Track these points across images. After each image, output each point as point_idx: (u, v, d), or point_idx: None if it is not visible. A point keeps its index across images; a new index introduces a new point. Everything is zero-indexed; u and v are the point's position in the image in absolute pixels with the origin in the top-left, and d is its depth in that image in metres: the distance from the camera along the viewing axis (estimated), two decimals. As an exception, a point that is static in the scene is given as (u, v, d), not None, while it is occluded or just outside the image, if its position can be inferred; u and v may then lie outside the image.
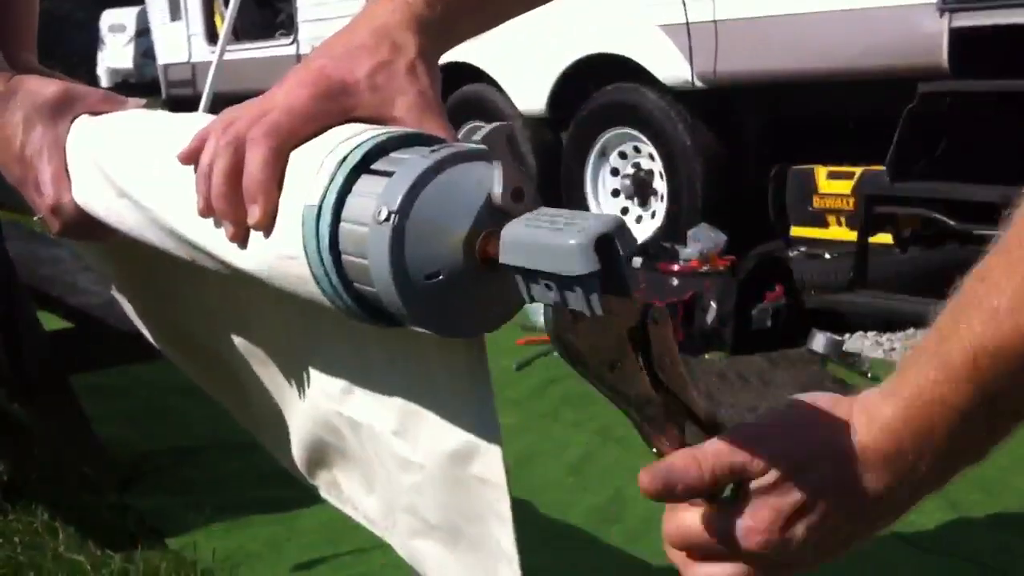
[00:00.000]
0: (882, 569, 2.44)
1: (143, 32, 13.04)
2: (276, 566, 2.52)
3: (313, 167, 0.75)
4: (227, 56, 6.48)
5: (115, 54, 15.84)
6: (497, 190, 0.69)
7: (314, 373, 1.01)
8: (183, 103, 7.97)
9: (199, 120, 0.95)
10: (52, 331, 3.04)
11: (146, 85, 12.91)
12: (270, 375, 1.12)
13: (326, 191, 0.73)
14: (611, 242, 0.61)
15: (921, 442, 0.68)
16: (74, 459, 2.86)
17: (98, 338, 2.99)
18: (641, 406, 0.74)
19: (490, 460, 0.81)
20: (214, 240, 0.85)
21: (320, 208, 0.73)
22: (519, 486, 2.93)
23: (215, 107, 6.29)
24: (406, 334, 0.80)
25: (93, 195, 1.03)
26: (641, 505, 2.77)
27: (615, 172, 5.41)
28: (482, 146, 0.69)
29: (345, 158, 0.74)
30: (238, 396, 1.26)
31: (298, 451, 1.14)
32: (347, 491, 1.11)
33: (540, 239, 0.64)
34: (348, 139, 0.76)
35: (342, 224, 0.72)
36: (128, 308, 1.40)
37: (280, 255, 0.77)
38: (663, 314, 0.71)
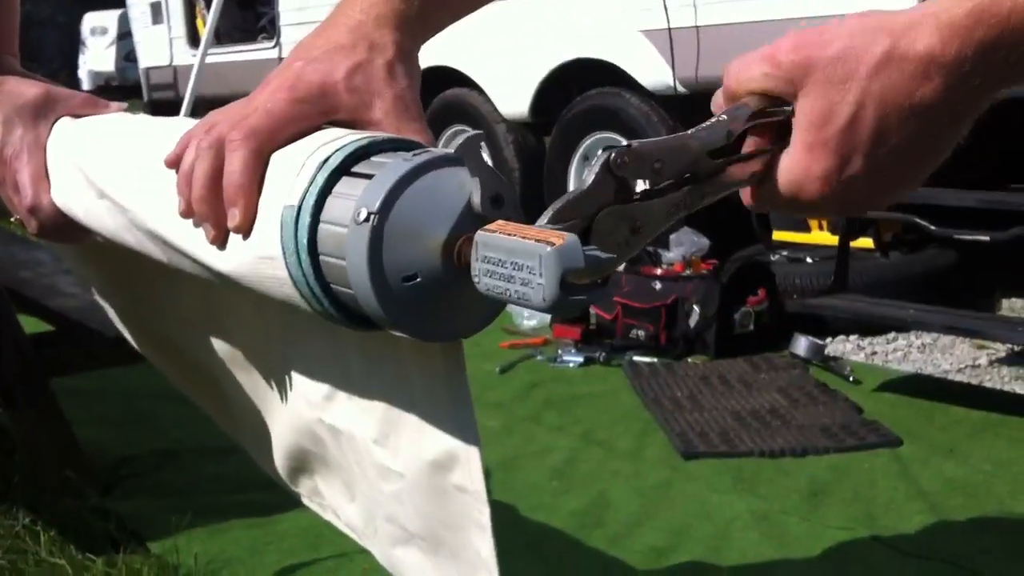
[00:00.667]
0: (864, 571, 2.45)
1: (125, 35, 12.99)
2: (257, 570, 2.51)
3: (294, 169, 0.75)
4: (209, 59, 6.46)
5: (97, 57, 15.77)
6: (476, 197, 0.70)
7: (296, 379, 1.01)
8: (165, 106, 7.94)
9: (181, 124, 0.95)
10: (32, 334, 3.02)
11: (128, 88, 12.86)
12: (251, 381, 1.12)
13: (306, 192, 0.73)
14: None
15: (986, 48, 0.65)
16: (55, 463, 2.84)
17: (78, 341, 2.98)
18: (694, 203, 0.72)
19: (470, 469, 0.81)
20: (193, 242, 0.84)
21: (299, 209, 0.73)
22: (502, 490, 2.95)
23: (197, 110, 6.29)
24: (385, 340, 0.80)
25: (72, 196, 1.03)
26: (624, 508, 2.77)
27: (598, 176, 5.42)
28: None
29: (326, 160, 0.74)
30: (219, 402, 1.25)
31: (280, 458, 1.13)
32: (329, 499, 1.10)
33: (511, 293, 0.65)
34: (329, 142, 0.76)
35: (321, 225, 0.73)
36: (110, 312, 1.40)
37: (258, 256, 0.77)
38: (618, 151, 0.69)
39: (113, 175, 0.96)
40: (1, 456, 2.99)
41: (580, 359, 4.08)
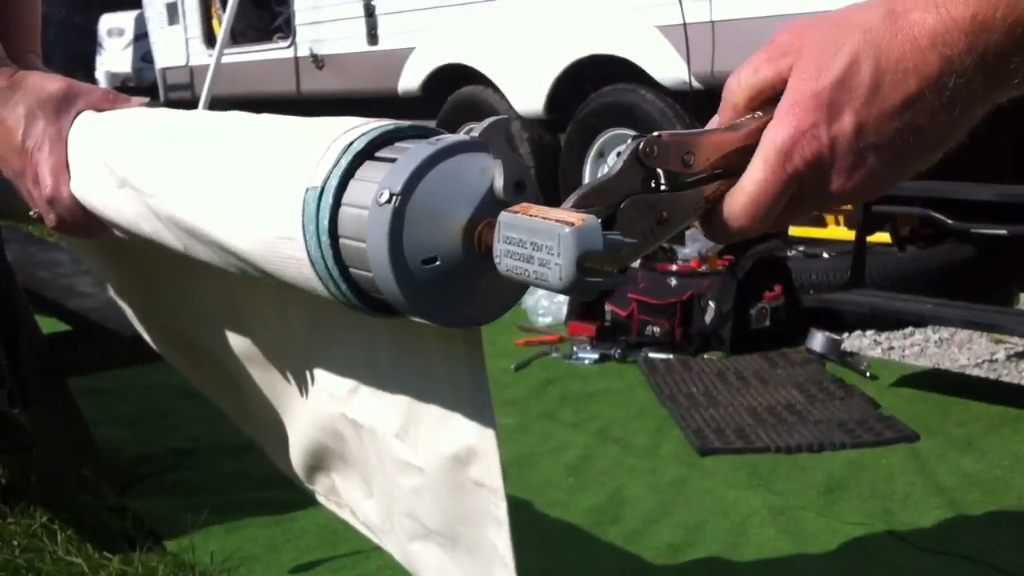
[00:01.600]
0: (881, 567, 2.44)
1: (141, 36, 13.03)
2: (273, 568, 2.52)
3: (319, 152, 0.75)
4: (225, 59, 6.49)
5: (114, 58, 15.84)
6: (499, 182, 0.70)
7: (319, 374, 1.01)
8: (181, 106, 7.94)
9: (201, 116, 0.96)
10: (49, 334, 3.04)
11: (145, 89, 12.91)
12: (269, 379, 1.12)
13: (329, 174, 0.74)
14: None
15: (984, 29, 0.64)
16: (72, 462, 2.86)
17: (95, 341, 2.99)
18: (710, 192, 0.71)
19: (488, 463, 0.81)
20: (212, 222, 0.85)
21: (322, 191, 0.73)
22: (518, 486, 2.96)
23: (213, 110, 6.31)
24: (413, 329, 0.80)
25: (92, 188, 1.04)
26: (640, 505, 2.77)
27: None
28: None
29: (351, 144, 0.74)
30: (236, 400, 1.26)
31: (297, 456, 1.14)
32: (346, 496, 1.11)
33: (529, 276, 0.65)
34: (354, 128, 0.76)
35: (343, 208, 0.73)
36: (128, 311, 1.41)
37: (277, 235, 0.77)
38: (647, 140, 0.68)
39: (134, 163, 0.97)
40: (19, 454, 3.01)
41: (595, 356, 4.07)
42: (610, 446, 3.21)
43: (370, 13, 6.47)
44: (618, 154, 0.69)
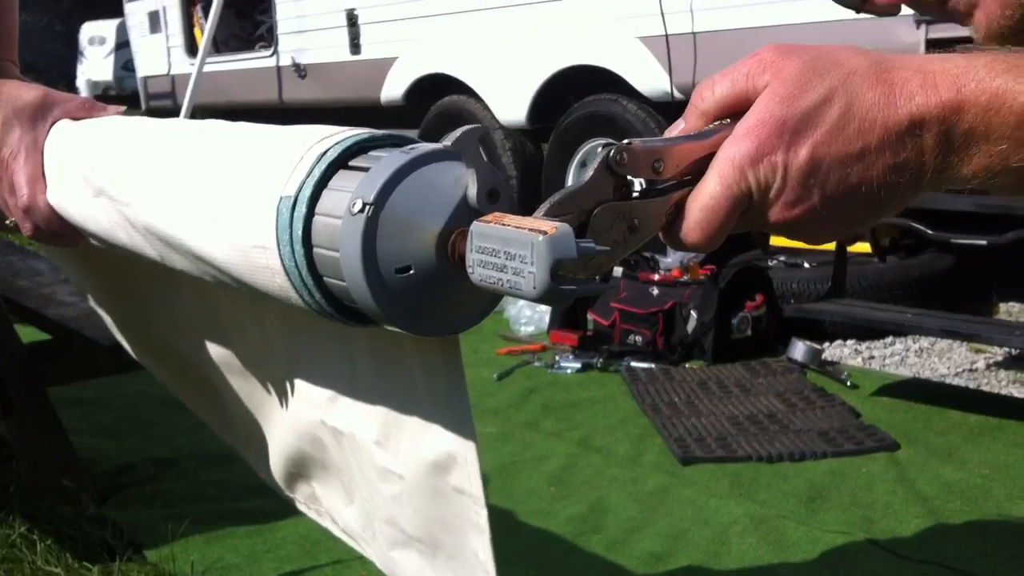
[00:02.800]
0: (861, 575, 2.45)
1: (123, 44, 13.01)
2: (255, 578, 2.51)
3: (293, 161, 0.76)
4: (207, 68, 6.48)
5: (95, 66, 15.79)
6: (472, 191, 0.70)
7: (298, 382, 1.01)
8: (163, 115, 7.94)
9: (178, 124, 0.96)
10: (29, 343, 3.02)
11: (126, 97, 12.87)
12: (249, 387, 1.12)
13: (303, 184, 0.74)
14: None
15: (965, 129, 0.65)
16: (52, 472, 2.84)
17: (75, 350, 2.98)
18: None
19: (468, 470, 0.82)
20: (188, 232, 0.85)
21: (296, 200, 0.74)
22: (500, 496, 2.94)
23: (194, 119, 6.29)
24: (393, 337, 0.80)
25: (68, 197, 1.04)
26: (622, 514, 2.77)
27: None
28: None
29: (324, 153, 0.74)
30: (216, 409, 1.26)
31: (277, 464, 1.14)
32: (326, 504, 1.10)
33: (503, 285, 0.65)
34: (328, 137, 0.76)
35: (316, 217, 0.73)
36: (107, 320, 1.40)
37: (252, 244, 0.77)
38: (617, 148, 0.68)
39: (110, 172, 0.97)
40: (-2, 465, 2.99)
41: (578, 365, 4.08)
42: (592, 455, 3.21)
43: (353, 23, 6.47)
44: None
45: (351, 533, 1.08)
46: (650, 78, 4.99)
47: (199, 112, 6.73)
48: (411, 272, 0.70)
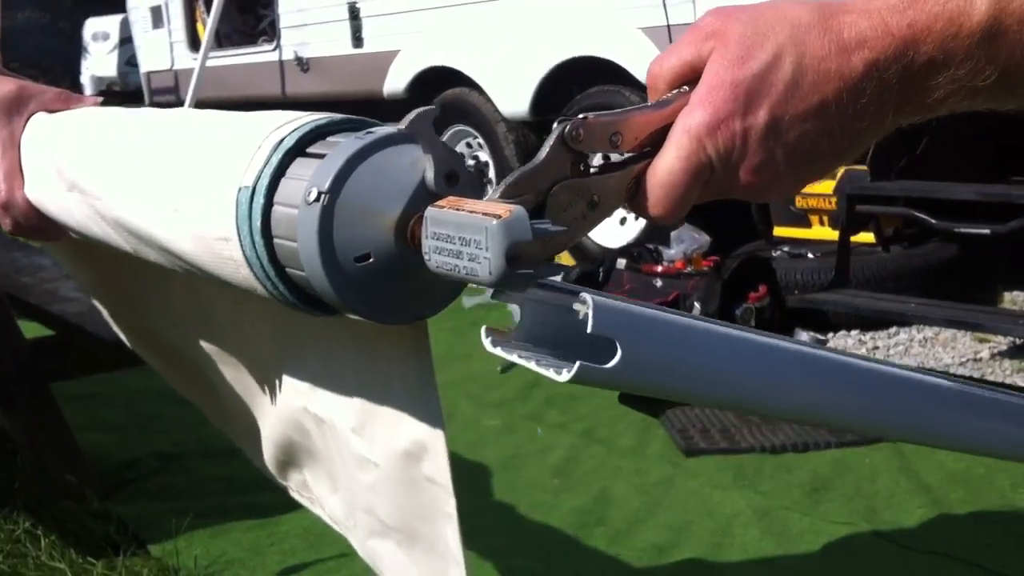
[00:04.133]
0: (865, 566, 2.45)
1: (127, 40, 12.99)
2: (258, 572, 2.52)
3: (251, 149, 0.75)
4: (210, 63, 6.47)
5: (99, 62, 15.78)
6: (430, 174, 0.68)
7: (283, 370, 1.01)
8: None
9: (148, 115, 0.95)
10: (32, 339, 3.03)
11: (130, 93, 12.88)
12: (239, 375, 1.12)
13: (260, 174, 0.73)
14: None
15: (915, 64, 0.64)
16: (56, 467, 2.85)
17: (79, 346, 2.98)
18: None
19: (437, 460, 0.81)
20: (154, 222, 0.84)
21: (254, 190, 0.72)
22: (504, 488, 2.94)
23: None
24: (365, 327, 0.80)
25: (44, 190, 1.04)
26: (625, 506, 2.77)
27: (598, 174, 5.42)
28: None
29: (281, 141, 0.73)
30: (210, 398, 1.26)
31: (269, 451, 1.14)
32: (315, 491, 1.11)
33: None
34: (285, 124, 0.76)
35: (275, 207, 0.72)
36: (104, 313, 1.40)
37: (215, 236, 0.76)
38: (572, 123, 0.67)
39: (81, 166, 0.97)
40: (2, 460, 3.00)
41: (581, 358, 4.07)
42: (595, 447, 3.21)
43: (355, 16, 6.46)
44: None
45: (336, 521, 1.08)
46: (652, 69, 4.97)
47: (202, 107, 6.72)
48: (370, 260, 0.69)
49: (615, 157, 0.70)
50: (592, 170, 0.68)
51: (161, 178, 0.84)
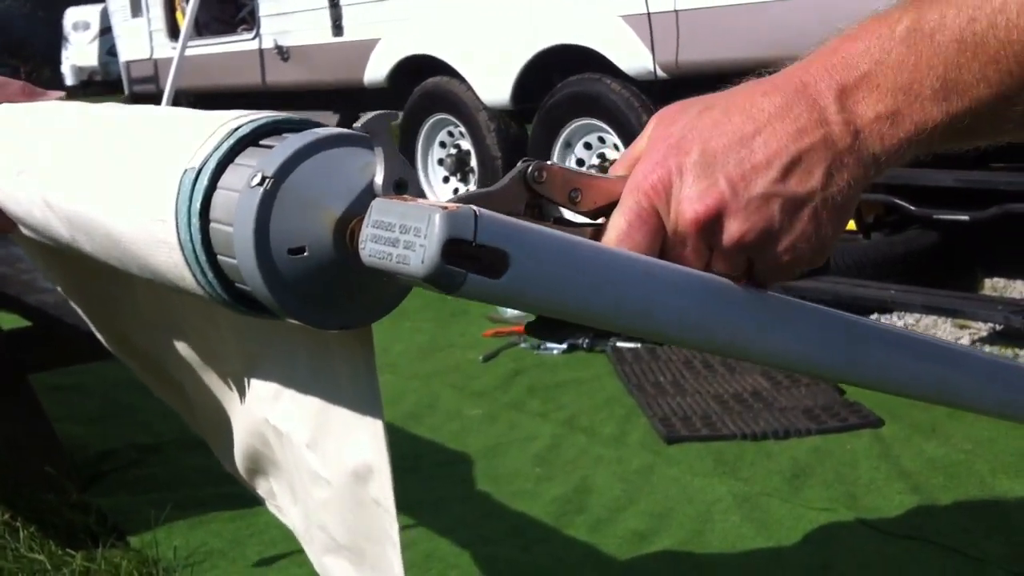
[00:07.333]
0: (846, 552, 2.45)
1: (107, 30, 12.94)
2: (238, 563, 2.51)
3: (204, 136, 0.74)
4: (189, 52, 6.44)
5: (79, 52, 15.70)
6: (379, 179, 0.67)
7: (248, 378, 1.00)
8: (146, 100, 7.90)
9: (107, 108, 0.95)
10: (9, 330, 3.00)
11: (111, 82, 12.83)
12: (209, 381, 1.11)
13: (208, 157, 0.72)
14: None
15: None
16: (34, 458, 2.83)
17: (56, 337, 2.96)
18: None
19: (383, 482, 0.80)
20: (94, 202, 0.83)
21: (199, 172, 0.71)
22: (485, 477, 2.94)
23: (178, 102, 6.23)
24: (324, 339, 0.79)
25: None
26: (606, 493, 2.77)
27: (580, 163, 5.41)
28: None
29: (236, 129, 0.73)
30: (183, 401, 1.25)
31: (239, 458, 1.13)
32: (280, 500, 1.10)
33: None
34: (244, 116, 0.75)
35: (217, 191, 0.71)
36: (78, 310, 1.39)
37: (152, 217, 0.75)
38: (536, 164, 0.68)
39: (34, 148, 0.96)
40: (-21, 453, 2.98)
41: (563, 346, 4.07)
42: (577, 435, 3.21)
43: (335, 4, 6.43)
44: (586, 145, 0.69)
45: (298, 532, 1.08)
46: (633, 57, 4.97)
47: (182, 96, 6.69)
48: (305, 254, 0.68)
49: (570, 216, 0.71)
50: (550, 221, 0.69)
51: (110, 159, 0.83)
